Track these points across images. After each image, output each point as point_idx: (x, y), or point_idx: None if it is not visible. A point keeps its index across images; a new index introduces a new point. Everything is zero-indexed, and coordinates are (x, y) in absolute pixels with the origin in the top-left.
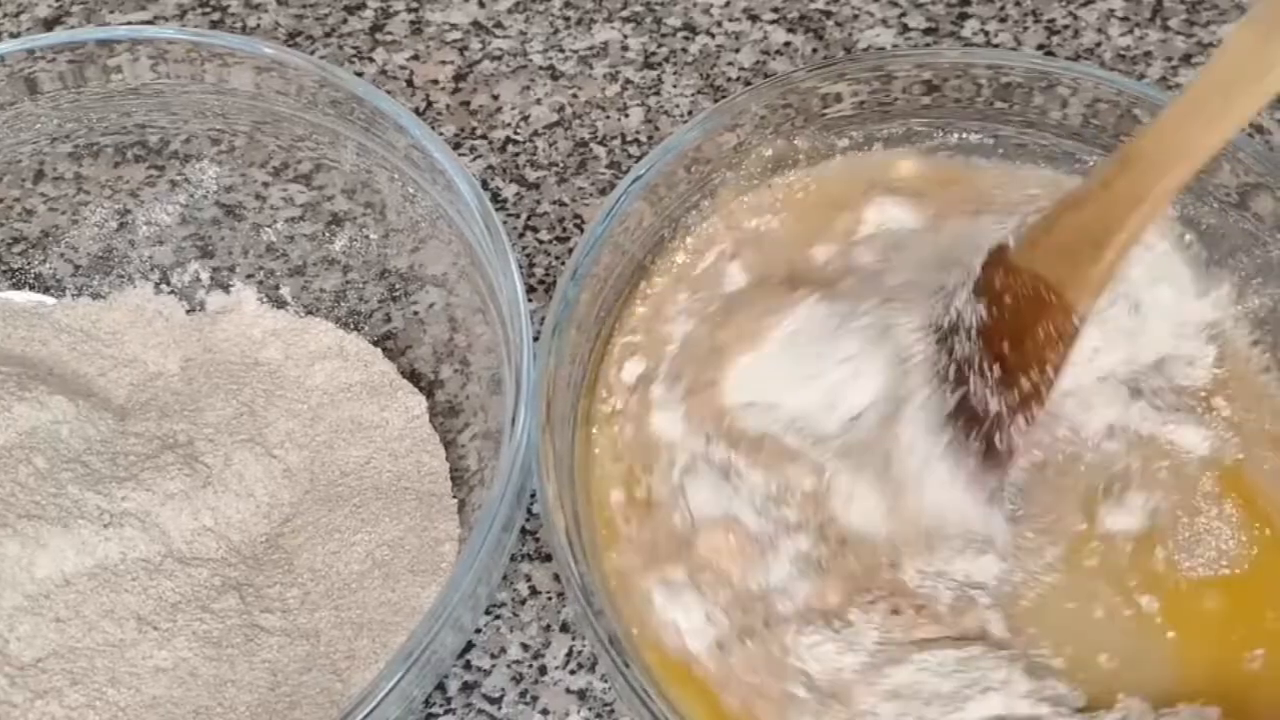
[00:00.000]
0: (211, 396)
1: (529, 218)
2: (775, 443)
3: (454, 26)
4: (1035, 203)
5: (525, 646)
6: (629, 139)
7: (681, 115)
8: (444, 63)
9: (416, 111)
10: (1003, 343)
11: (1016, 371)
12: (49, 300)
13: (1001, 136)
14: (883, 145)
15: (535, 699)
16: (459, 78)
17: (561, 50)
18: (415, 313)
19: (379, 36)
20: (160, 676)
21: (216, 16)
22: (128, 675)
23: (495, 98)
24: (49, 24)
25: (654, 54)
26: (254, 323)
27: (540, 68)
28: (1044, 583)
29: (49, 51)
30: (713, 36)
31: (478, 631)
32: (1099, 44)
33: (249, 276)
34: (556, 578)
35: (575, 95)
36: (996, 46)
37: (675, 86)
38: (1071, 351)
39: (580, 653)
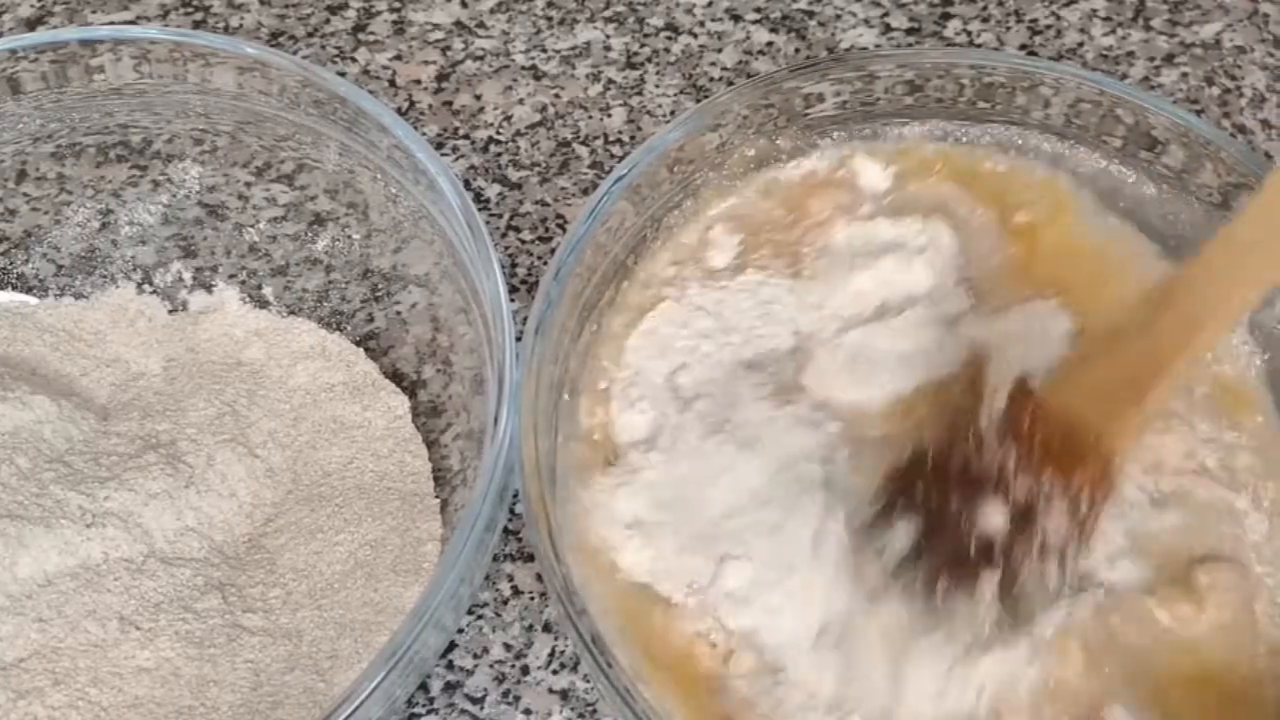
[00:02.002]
0: (194, 396)
1: (511, 218)
2: None
3: (436, 26)
4: None
5: (508, 646)
6: (611, 139)
7: (664, 115)
8: (426, 63)
9: (399, 111)
10: (1025, 485)
11: (1042, 516)
12: (31, 300)
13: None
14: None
15: (518, 699)
16: (441, 78)
17: (544, 50)
18: (398, 313)
19: (361, 36)
20: (143, 676)
21: (199, 16)
22: (110, 675)
23: (478, 98)
24: (31, 24)
25: (636, 54)
26: (236, 323)
27: (523, 68)
28: None
29: (31, 51)
30: (695, 36)
31: (460, 631)
32: (1081, 44)
33: (231, 276)
34: (539, 578)
35: (558, 95)
36: (979, 46)
37: (658, 86)
38: (1110, 496)
39: (563, 653)
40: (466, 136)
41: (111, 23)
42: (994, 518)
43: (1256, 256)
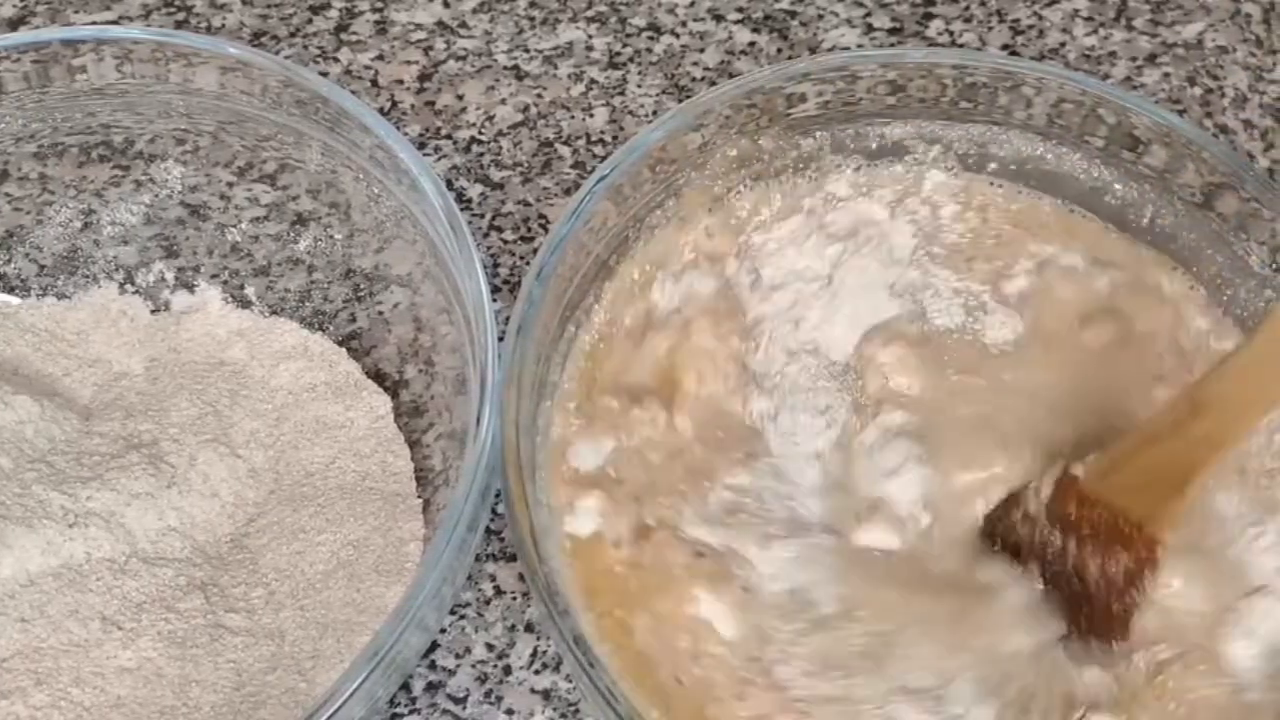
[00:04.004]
0: (176, 396)
1: (494, 218)
2: None
3: (419, 26)
4: None
5: (490, 646)
6: (594, 139)
7: (646, 115)
8: (409, 63)
9: (381, 111)
10: (1075, 571)
11: (1095, 600)
12: (13, 300)
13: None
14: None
15: (500, 699)
16: (424, 78)
17: (526, 50)
18: (380, 313)
19: (344, 36)
20: (125, 676)
21: (181, 16)
22: (92, 675)
23: (460, 98)
24: (14, 24)
25: (619, 54)
26: (219, 323)
27: (505, 68)
28: None
29: (13, 51)
30: (677, 36)
31: (442, 631)
32: (1064, 44)
33: (214, 276)
34: (521, 577)
35: (540, 95)
36: (961, 46)
37: (640, 86)
38: (1154, 579)
39: (545, 653)
40: (449, 136)
41: (94, 23)
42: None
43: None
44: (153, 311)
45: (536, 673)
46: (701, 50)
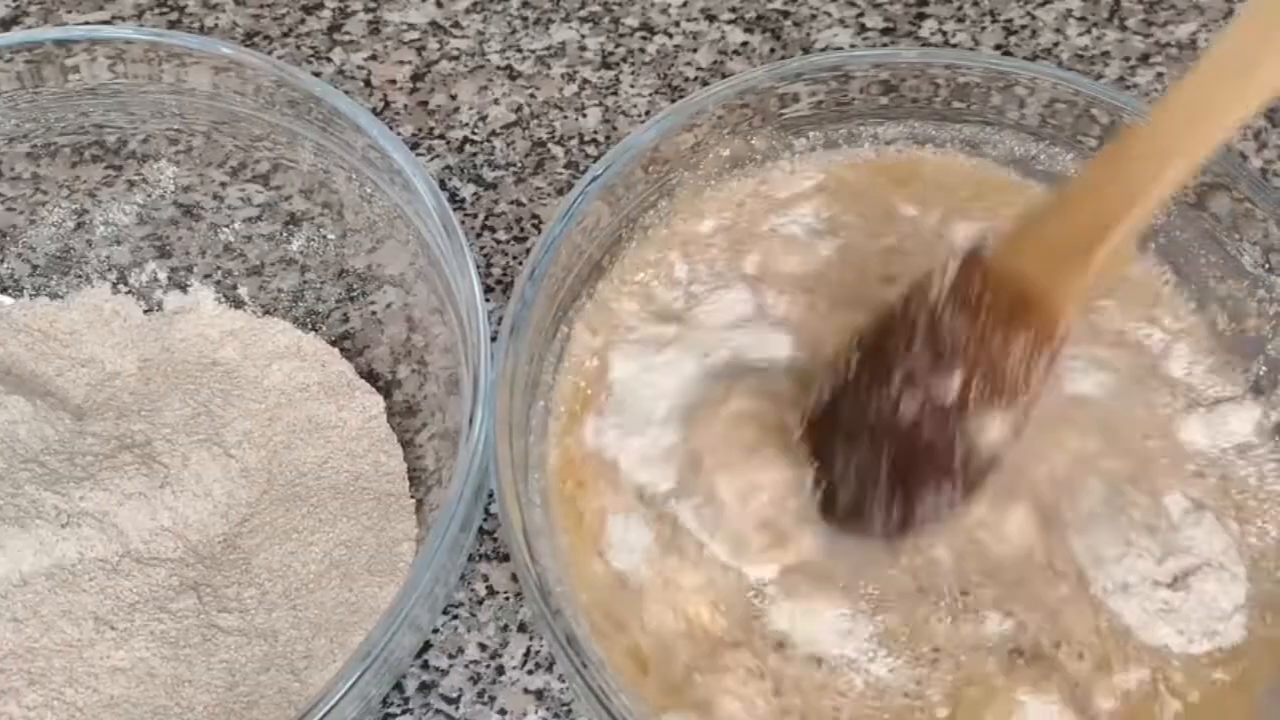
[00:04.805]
0: (169, 396)
1: (486, 218)
2: None
3: (412, 26)
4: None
5: (483, 646)
6: (587, 139)
7: (639, 115)
8: (402, 63)
9: (374, 111)
10: (973, 353)
11: (989, 383)
12: (6, 300)
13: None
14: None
15: (493, 699)
16: (416, 78)
17: (519, 50)
18: (373, 313)
19: (337, 36)
20: (118, 676)
21: (174, 16)
22: (85, 675)
23: (453, 98)
24: (6, 24)
25: (612, 54)
26: (211, 323)
27: (498, 68)
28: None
29: (6, 51)
30: (670, 36)
31: (435, 631)
32: (1057, 44)
33: (207, 276)
34: (514, 578)
35: (533, 95)
36: (954, 46)
37: (633, 86)
38: (1055, 362)
39: (538, 653)
40: (442, 136)
41: (87, 23)
42: (944, 382)
43: (1197, 116)
44: (145, 311)
45: (529, 673)
46: (694, 50)
